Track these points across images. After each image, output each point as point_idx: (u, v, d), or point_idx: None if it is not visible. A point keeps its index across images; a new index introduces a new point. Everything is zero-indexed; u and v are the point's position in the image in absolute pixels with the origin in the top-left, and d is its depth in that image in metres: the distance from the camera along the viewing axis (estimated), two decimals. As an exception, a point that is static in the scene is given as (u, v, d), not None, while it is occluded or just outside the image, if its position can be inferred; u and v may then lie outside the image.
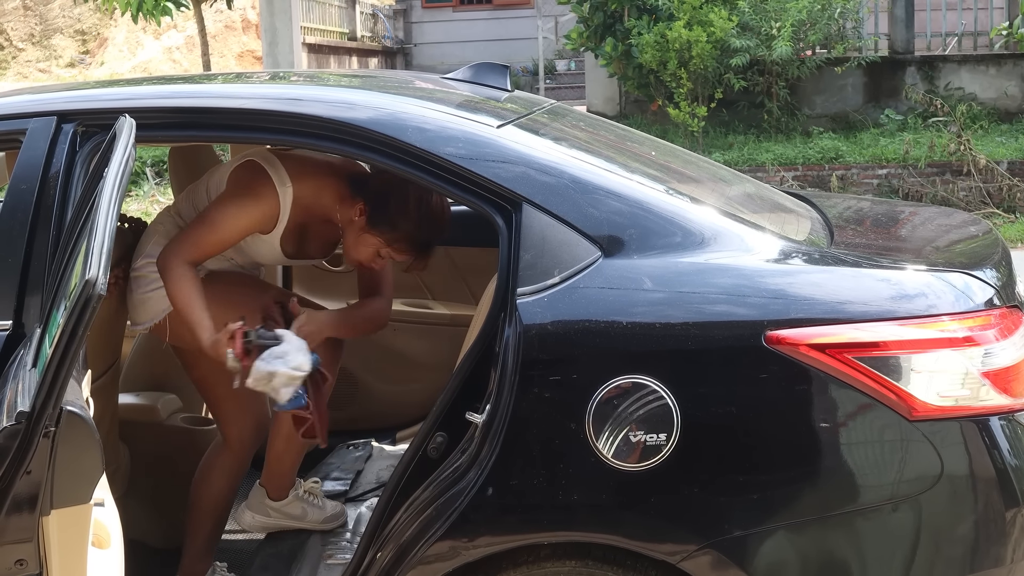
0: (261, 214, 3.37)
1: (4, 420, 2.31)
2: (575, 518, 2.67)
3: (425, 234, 3.37)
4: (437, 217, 3.37)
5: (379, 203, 3.32)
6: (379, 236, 3.35)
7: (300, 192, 3.38)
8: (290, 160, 3.44)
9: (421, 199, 3.32)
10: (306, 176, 3.40)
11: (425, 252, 3.43)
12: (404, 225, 3.33)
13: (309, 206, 3.40)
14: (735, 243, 2.77)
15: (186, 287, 3.27)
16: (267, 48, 16.05)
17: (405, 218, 3.32)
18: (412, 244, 3.38)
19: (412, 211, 3.31)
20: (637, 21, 12.88)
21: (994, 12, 14.56)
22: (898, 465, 2.61)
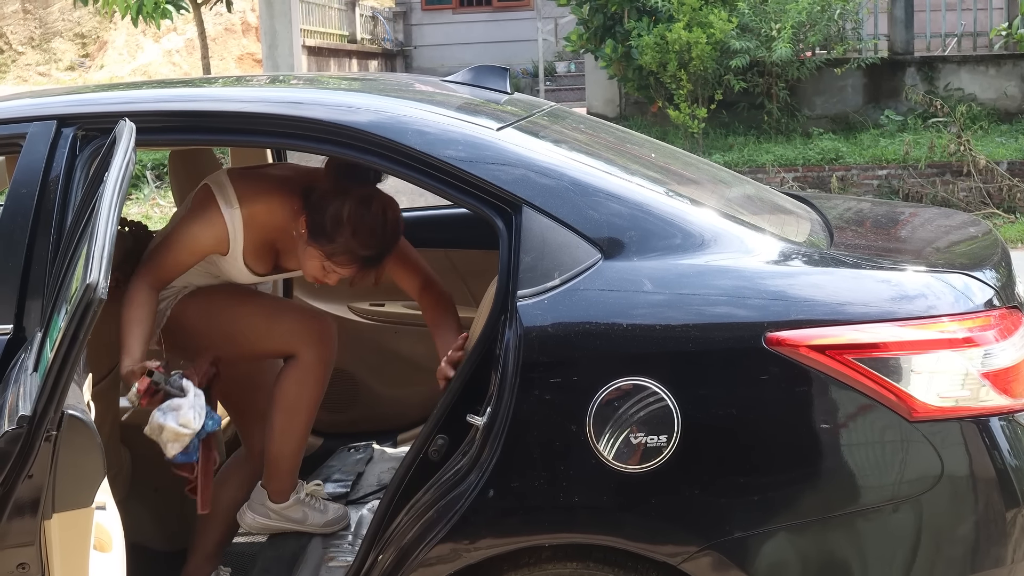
0: (210, 237, 3.35)
1: (5, 424, 2.32)
2: (576, 520, 2.68)
3: (364, 247, 3.24)
4: (376, 230, 3.24)
5: (316, 215, 3.24)
6: (319, 249, 3.27)
7: (252, 212, 3.35)
8: (245, 181, 3.41)
9: (358, 211, 3.21)
10: (258, 196, 3.37)
11: (367, 266, 3.29)
12: (340, 238, 3.22)
13: (266, 224, 3.37)
14: (735, 245, 2.77)
15: (132, 309, 3.26)
16: (267, 51, 16.05)
17: (340, 230, 3.21)
18: (352, 257, 3.26)
19: (347, 223, 3.20)
20: (637, 23, 12.88)
21: (993, 13, 14.56)
22: (898, 466, 2.61)
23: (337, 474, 4.20)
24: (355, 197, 3.21)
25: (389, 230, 3.27)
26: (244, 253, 3.40)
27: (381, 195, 3.29)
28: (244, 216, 3.34)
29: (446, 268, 4.46)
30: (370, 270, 3.31)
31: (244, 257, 3.40)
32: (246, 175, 3.47)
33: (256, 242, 3.40)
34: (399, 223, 3.32)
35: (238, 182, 3.39)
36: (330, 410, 4.56)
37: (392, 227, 3.29)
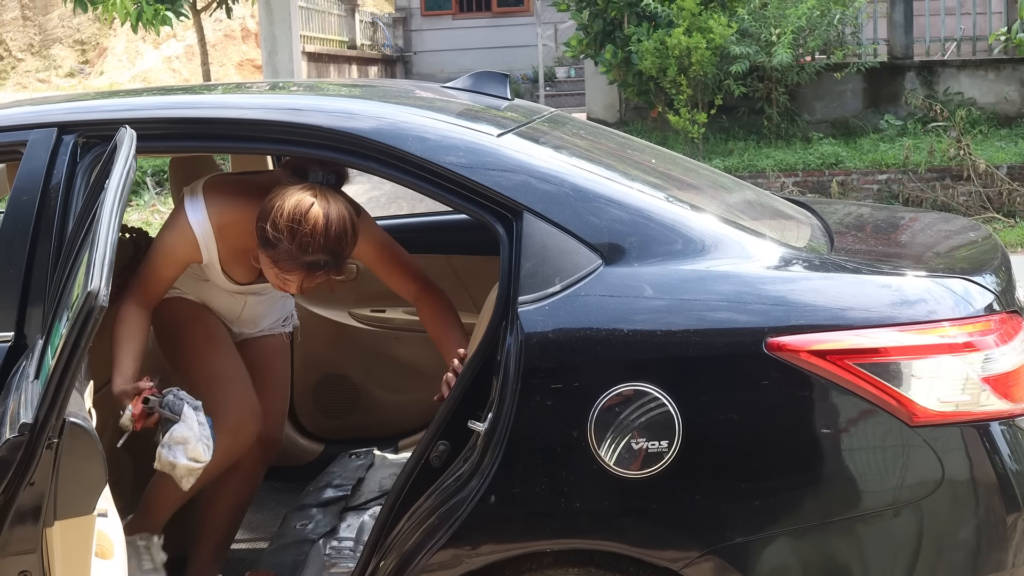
0: (183, 246, 3.31)
1: (7, 432, 2.32)
2: (578, 525, 2.68)
3: (304, 253, 3.08)
4: (316, 234, 3.05)
5: (260, 221, 3.11)
6: (266, 256, 3.15)
7: (223, 221, 3.30)
8: (219, 189, 3.35)
9: (294, 216, 3.05)
10: (227, 205, 3.31)
11: (314, 271, 3.13)
12: (280, 244, 3.07)
13: (239, 234, 3.30)
14: (736, 250, 2.77)
15: (121, 327, 3.27)
16: (267, 57, 16.06)
17: (279, 236, 3.06)
18: (295, 263, 3.10)
19: (284, 229, 3.05)
20: (636, 28, 12.89)
21: (993, 17, 14.57)
22: (899, 471, 2.61)
23: (338, 480, 4.20)
24: (294, 201, 3.06)
25: (332, 235, 3.07)
26: (221, 262, 3.38)
27: (328, 197, 3.10)
28: (214, 225, 3.30)
29: (447, 274, 4.46)
30: (320, 275, 3.15)
31: (221, 265, 3.39)
32: (223, 183, 3.42)
33: (231, 251, 3.36)
34: (345, 226, 3.10)
35: (212, 190, 3.34)
36: (331, 416, 4.58)
37: (336, 231, 3.07)
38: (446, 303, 3.47)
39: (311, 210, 3.05)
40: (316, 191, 3.10)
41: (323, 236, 3.06)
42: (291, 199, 3.06)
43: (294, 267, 3.12)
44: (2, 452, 2.29)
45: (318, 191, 3.10)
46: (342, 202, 3.13)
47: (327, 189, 3.12)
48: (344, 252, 3.13)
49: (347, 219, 3.11)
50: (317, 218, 3.05)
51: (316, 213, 3.05)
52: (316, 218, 3.05)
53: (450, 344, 3.29)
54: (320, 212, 3.06)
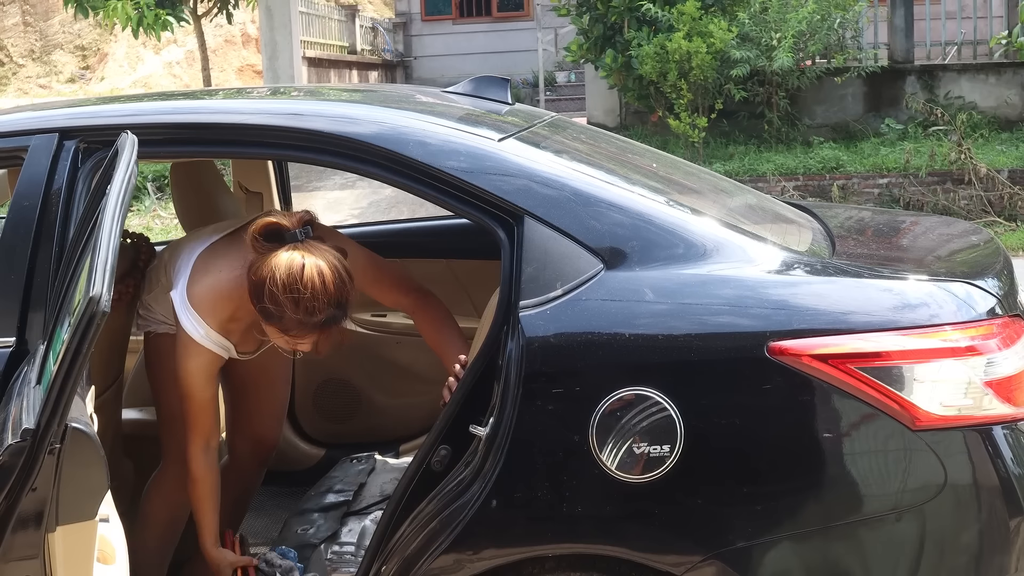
0: (204, 365, 3.27)
1: (9, 437, 2.32)
2: (579, 530, 2.68)
3: (312, 315, 3.01)
4: (317, 294, 2.99)
5: (256, 300, 3.05)
6: (273, 327, 3.09)
7: (220, 323, 3.24)
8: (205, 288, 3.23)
9: (289, 284, 2.97)
10: (216, 306, 3.23)
11: (327, 327, 3.06)
12: (285, 314, 3.01)
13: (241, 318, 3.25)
14: (737, 254, 2.77)
15: (199, 489, 3.30)
16: (267, 62, 16.08)
17: (282, 309, 3.00)
18: (307, 328, 3.05)
19: (285, 300, 2.99)
20: (637, 33, 12.90)
21: (993, 21, 14.58)
22: (901, 475, 2.61)
23: (339, 485, 4.19)
24: (282, 269, 2.98)
25: (333, 289, 3.00)
26: (235, 347, 3.34)
27: (312, 251, 3.03)
28: (219, 331, 3.24)
29: (447, 278, 4.46)
30: (332, 329, 3.08)
31: (236, 349, 3.35)
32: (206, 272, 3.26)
33: (239, 336, 3.32)
34: (341, 275, 3.03)
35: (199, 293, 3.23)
36: (332, 420, 4.58)
37: (336, 284, 3.01)
38: (443, 311, 3.43)
39: (305, 272, 2.97)
40: (299, 250, 3.02)
41: (324, 293, 2.99)
42: (280, 268, 2.98)
43: (306, 332, 3.05)
44: (4, 458, 2.29)
45: (301, 249, 3.02)
46: (327, 251, 3.05)
47: (308, 243, 3.05)
48: (348, 299, 3.06)
49: (339, 267, 3.04)
50: (313, 278, 2.98)
51: (311, 273, 2.98)
52: (312, 279, 2.97)
53: (450, 350, 3.26)
54: (314, 271, 2.98)
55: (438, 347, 3.37)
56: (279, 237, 3.05)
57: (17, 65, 24.35)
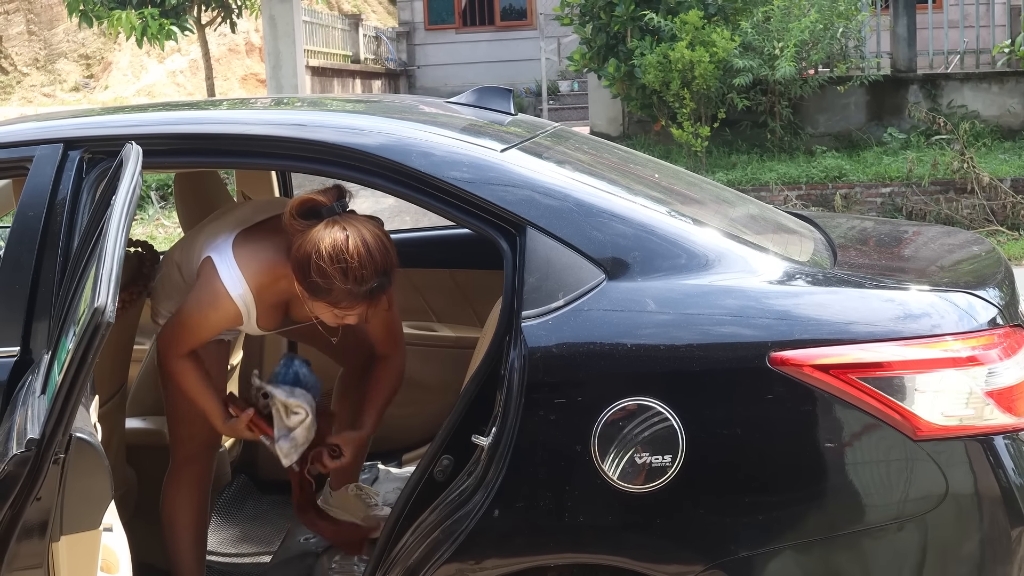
0: (225, 321, 3.36)
1: (14, 447, 2.32)
2: (581, 540, 2.68)
3: (361, 283, 3.09)
4: (364, 262, 3.07)
5: (302, 275, 3.12)
6: (322, 302, 3.17)
7: (260, 289, 3.32)
8: (247, 250, 3.32)
9: (336, 255, 3.05)
10: (263, 271, 3.31)
11: (375, 296, 3.16)
12: (334, 286, 3.09)
13: (275, 293, 3.35)
14: (739, 265, 2.77)
15: (188, 380, 3.39)
16: (271, 71, 16.11)
17: (330, 281, 3.08)
18: (356, 298, 3.13)
19: (333, 272, 3.06)
20: (640, 42, 12.92)
21: (996, 30, 14.60)
22: (903, 485, 2.61)
23: (342, 494, 4.21)
24: (327, 242, 3.06)
25: (378, 256, 3.10)
26: (257, 319, 3.39)
27: (352, 222, 3.12)
28: (255, 294, 3.31)
29: (450, 288, 4.48)
30: (381, 297, 3.19)
31: (257, 321, 3.40)
32: (250, 243, 3.36)
33: (267, 308, 3.38)
34: (384, 243, 3.13)
35: (241, 252, 3.32)
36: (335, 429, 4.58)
37: (380, 251, 3.11)
38: (399, 377, 3.61)
39: (350, 243, 3.06)
40: (340, 224, 3.10)
41: (371, 261, 3.07)
42: (325, 242, 3.06)
43: (356, 301, 3.14)
44: (9, 467, 2.30)
45: (342, 223, 3.10)
46: (366, 221, 3.16)
47: (345, 216, 3.14)
48: (393, 265, 3.15)
49: (381, 235, 3.14)
50: (359, 247, 3.07)
51: (356, 243, 3.07)
52: (358, 248, 3.06)
53: (373, 412, 3.50)
54: (359, 240, 3.07)
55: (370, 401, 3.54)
56: (316, 214, 3.12)
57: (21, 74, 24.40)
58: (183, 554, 3.60)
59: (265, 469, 4.44)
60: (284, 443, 3.41)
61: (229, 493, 4.28)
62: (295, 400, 3.40)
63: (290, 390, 3.42)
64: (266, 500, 4.27)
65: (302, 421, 3.40)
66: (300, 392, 3.43)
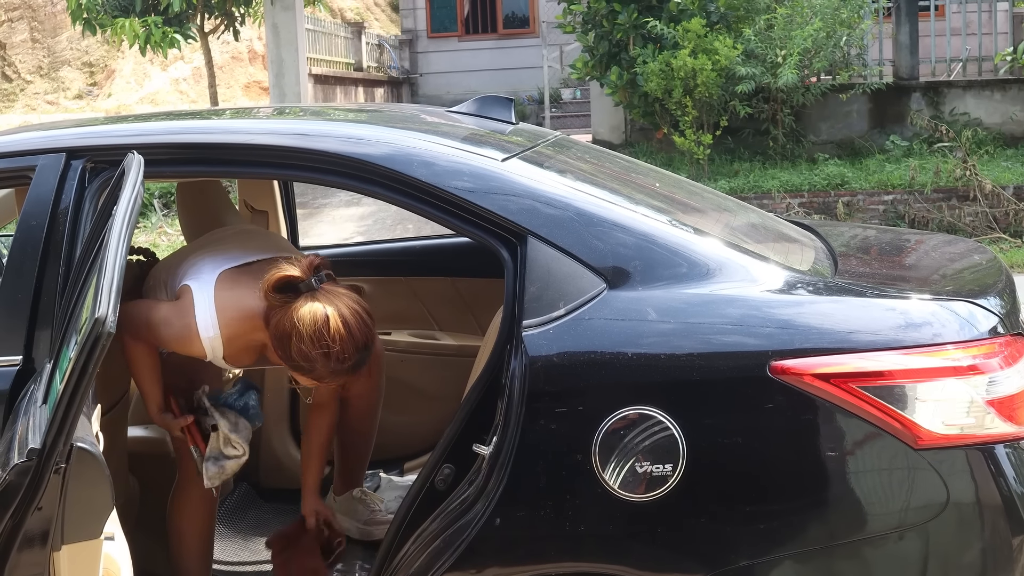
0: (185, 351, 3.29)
1: (15, 457, 2.33)
2: (582, 549, 2.68)
3: (343, 362, 3.04)
4: (345, 342, 3.01)
5: (284, 354, 3.08)
6: (305, 377, 3.13)
7: (233, 335, 3.22)
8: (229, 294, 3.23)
9: (317, 339, 2.99)
10: (239, 317, 3.20)
11: (357, 369, 3.10)
12: (317, 366, 3.04)
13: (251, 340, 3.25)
14: (740, 274, 2.78)
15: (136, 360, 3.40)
16: (273, 79, 16.13)
17: (313, 363, 3.03)
18: (338, 374, 3.09)
19: (316, 355, 3.01)
20: (642, 50, 12.93)
21: (998, 37, 14.61)
22: (904, 494, 2.61)
23: (344, 503, 4.21)
24: (307, 322, 2.99)
25: (357, 332, 3.03)
26: (226, 358, 3.32)
27: (331, 298, 3.04)
28: (225, 340, 3.23)
29: (451, 296, 4.48)
30: (359, 372, 3.14)
31: (226, 359, 3.33)
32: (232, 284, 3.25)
33: (238, 350, 3.29)
34: (363, 318, 3.06)
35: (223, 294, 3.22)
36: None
37: (358, 324, 3.03)
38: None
39: (331, 324, 2.99)
40: (318, 299, 3.03)
41: (352, 341, 3.01)
42: (305, 322, 2.99)
43: (338, 377, 3.11)
44: (10, 477, 2.30)
45: (320, 298, 3.03)
46: (344, 294, 3.07)
47: (324, 290, 3.06)
48: (372, 338, 3.09)
49: (360, 310, 3.06)
50: (339, 329, 2.99)
51: (336, 324, 2.99)
52: (338, 329, 2.99)
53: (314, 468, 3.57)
54: (339, 321, 3.00)
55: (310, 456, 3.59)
56: (293, 289, 3.05)
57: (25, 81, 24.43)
58: (190, 567, 3.60)
59: (267, 478, 4.45)
60: (212, 467, 3.40)
61: (231, 501, 4.29)
62: (236, 437, 3.40)
63: (235, 423, 3.42)
64: (268, 508, 4.27)
65: (238, 457, 3.41)
66: (243, 425, 3.44)
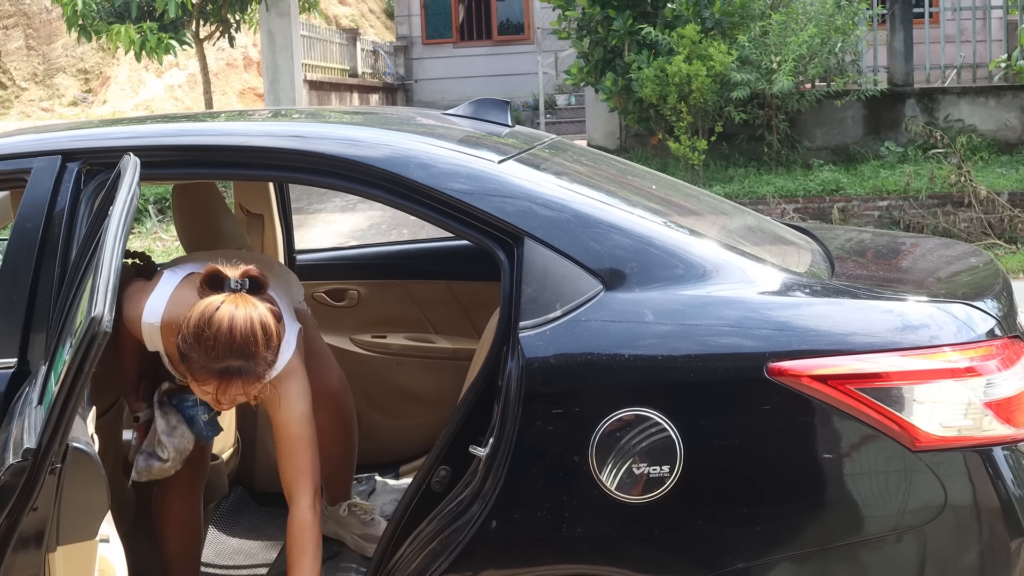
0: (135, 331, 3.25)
1: (11, 457, 2.32)
2: (579, 550, 2.67)
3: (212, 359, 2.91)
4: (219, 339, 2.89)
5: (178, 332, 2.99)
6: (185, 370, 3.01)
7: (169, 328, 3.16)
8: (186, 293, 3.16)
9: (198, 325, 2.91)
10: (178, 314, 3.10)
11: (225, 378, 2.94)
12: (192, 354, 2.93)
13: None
14: (736, 276, 2.78)
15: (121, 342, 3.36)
16: (268, 85, 16.14)
17: (189, 347, 2.92)
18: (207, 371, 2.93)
19: (191, 338, 2.92)
20: (637, 56, 12.94)
21: (993, 45, 14.63)
22: (901, 496, 2.61)
23: (340, 506, 4.20)
24: (201, 308, 2.93)
25: (238, 337, 2.90)
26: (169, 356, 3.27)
27: (239, 301, 2.96)
28: (163, 335, 3.21)
29: (447, 299, 4.48)
30: (236, 383, 2.95)
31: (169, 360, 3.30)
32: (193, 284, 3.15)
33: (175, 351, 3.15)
34: (252, 327, 2.93)
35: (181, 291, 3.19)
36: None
37: (243, 333, 2.91)
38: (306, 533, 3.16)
39: (216, 314, 2.91)
40: (228, 296, 2.96)
41: (228, 339, 2.89)
42: (198, 308, 2.94)
43: (207, 376, 2.94)
44: (5, 477, 2.29)
45: (230, 296, 2.96)
46: (256, 305, 2.98)
47: (241, 294, 2.98)
48: (257, 354, 2.93)
49: (256, 320, 2.94)
50: (221, 322, 2.90)
51: (221, 317, 2.90)
52: (220, 322, 2.90)
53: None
54: (225, 315, 2.91)
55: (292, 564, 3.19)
56: (219, 285, 3.00)
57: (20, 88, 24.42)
58: (174, 564, 3.60)
59: (262, 481, 4.44)
60: (141, 462, 3.38)
61: (226, 505, 4.28)
62: (166, 440, 3.37)
63: (173, 427, 3.39)
64: (263, 512, 4.26)
65: (162, 463, 3.38)
66: (183, 433, 3.39)
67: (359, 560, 3.87)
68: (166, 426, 3.38)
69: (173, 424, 3.39)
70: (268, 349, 2.97)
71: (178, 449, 3.39)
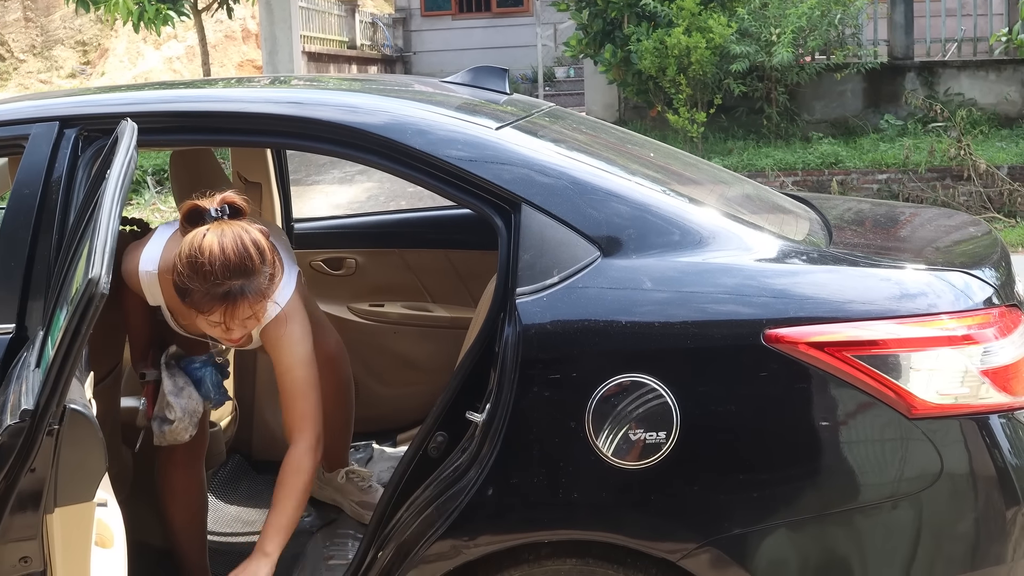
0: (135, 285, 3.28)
1: (8, 419, 2.33)
2: (575, 516, 2.68)
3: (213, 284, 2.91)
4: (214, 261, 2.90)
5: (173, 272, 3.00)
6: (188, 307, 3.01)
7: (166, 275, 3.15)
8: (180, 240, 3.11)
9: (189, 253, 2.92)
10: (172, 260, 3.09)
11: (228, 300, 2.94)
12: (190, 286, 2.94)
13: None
14: (734, 243, 2.77)
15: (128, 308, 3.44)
16: (267, 57, 16.08)
17: (185, 280, 2.93)
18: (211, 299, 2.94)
19: (185, 268, 2.93)
20: (636, 28, 12.90)
21: (993, 18, 14.58)
22: (898, 463, 2.62)
23: (337, 474, 4.21)
24: (188, 240, 2.94)
25: (232, 255, 2.92)
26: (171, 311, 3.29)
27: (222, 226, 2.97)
28: (162, 283, 3.22)
29: (445, 269, 4.48)
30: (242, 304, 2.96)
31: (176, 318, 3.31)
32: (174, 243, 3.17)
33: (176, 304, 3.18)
34: (243, 244, 2.95)
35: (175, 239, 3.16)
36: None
37: (236, 248, 2.93)
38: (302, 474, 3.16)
39: (204, 241, 2.92)
40: (212, 224, 2.97)
41: (223, 260, 2.91)
42: (186, 241, 2.95)
43: (212, 304, 2.95)
44: (3, 438, 2.30)
45: (212, 224, 2.97)
46: (241, 225, 2.99)
47: (224, 220, 2.99)
48: (255, 269, 2.95)
49: (248, 238, 2.96)
50: (212, 246, 2.91)
51: (210, 242, 2.92)
52: (211, 246, 2.91)
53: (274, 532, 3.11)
54: (214, 239, 2.92)
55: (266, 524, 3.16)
56: (200, 218, 3.01)
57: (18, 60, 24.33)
58: (185, 541, 3.62)
59: (260, 449, 4.45)
60: (156, 426, 3.44)
61: (224, 473, 4.29)
62: (174, 401, 3.40)
63: (180, 388, 3.42)
64: (261, 480, 4.27)
65: (171, 424, 3.41)
66: (191, 395, 3.43)
67: (356, 526, 3.89)
68: (173, 387, 3.41)
69: (180, 385, 3.42)
70: (265, 263, 2.98)
71: (185, 410, 3.41)
